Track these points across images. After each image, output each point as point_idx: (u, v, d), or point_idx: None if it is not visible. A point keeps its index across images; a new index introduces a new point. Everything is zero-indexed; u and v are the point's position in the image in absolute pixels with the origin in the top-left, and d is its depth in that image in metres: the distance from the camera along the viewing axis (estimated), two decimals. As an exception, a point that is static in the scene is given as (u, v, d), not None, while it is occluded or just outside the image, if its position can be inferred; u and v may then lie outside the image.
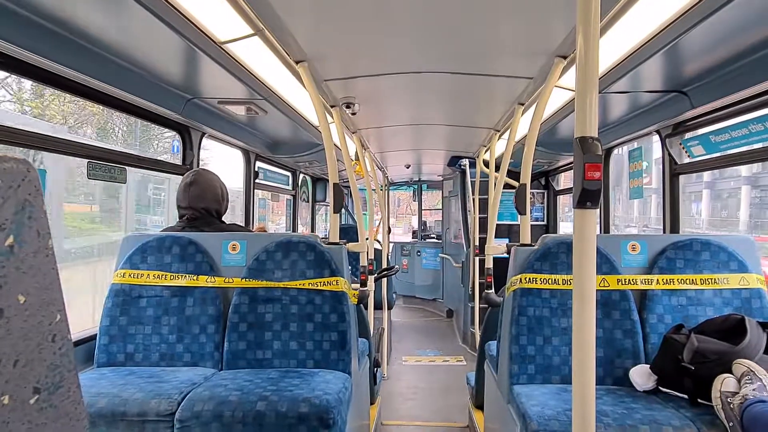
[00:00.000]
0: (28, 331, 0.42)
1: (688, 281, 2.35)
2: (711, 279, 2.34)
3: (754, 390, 1.73)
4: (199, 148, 3.41)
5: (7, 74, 2.16)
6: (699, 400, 1.97)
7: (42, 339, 0.44)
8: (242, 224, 4.20)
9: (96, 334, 2.43)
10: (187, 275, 2.47)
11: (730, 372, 1.88)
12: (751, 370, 1.81)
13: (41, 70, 2.05)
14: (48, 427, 0.44)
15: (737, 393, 1.78)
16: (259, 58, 2.34)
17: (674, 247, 2.41)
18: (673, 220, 3.26)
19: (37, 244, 0.44)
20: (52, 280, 0.45)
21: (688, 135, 3.09)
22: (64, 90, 2.26)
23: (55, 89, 2.25)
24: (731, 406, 1.76)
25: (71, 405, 0.47)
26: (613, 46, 2.20)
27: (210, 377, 2.23)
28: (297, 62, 2.44)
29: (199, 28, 1.97)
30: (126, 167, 2.76)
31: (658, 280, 2.37)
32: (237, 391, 2.02)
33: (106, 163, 2.59)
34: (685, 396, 2.03)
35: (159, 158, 3.16)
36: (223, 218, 2.81)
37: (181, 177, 2.81)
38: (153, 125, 2.83)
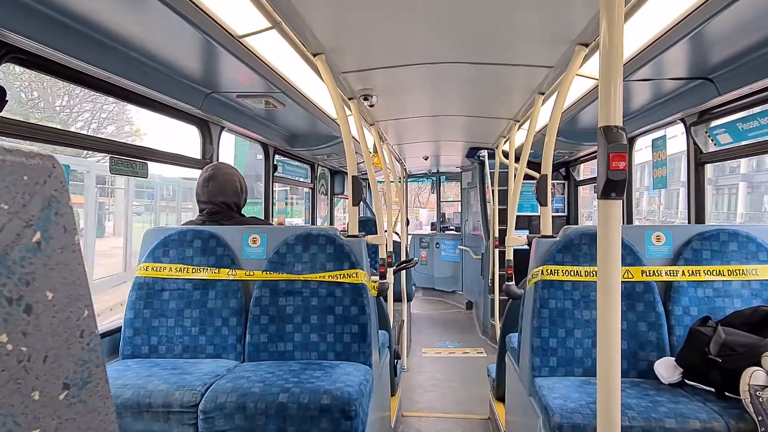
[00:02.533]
0: (56, 326, 0.43)
1: (714, 272, 2.30)
2: (739, 270, 2.29)
3: None
4: (218, 143, 3.43)
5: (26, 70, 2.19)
6: (727, 394, 1.94)
7: (70, 335, 0.44)
8: (261, 218, 4.24)
9: (121, 327, 2.48)
10: (209, 268, 2.50)
11: (760, 365, 1.84)
12: None
13: (61, 66, 2.07)
14: (77, 422, 0.44)
15: (767, 387, 1.74)
16: (277, 51, 2.34)
17: (700, 238, 2.36)
18: (698, 210, 3.19)
19: (64, 240, 0.44)
20: (79, 275, 0.46)
21: (714, 123, 3.01)
22: (84, 86, 2.29)
23: (75, 85, 2.28)
24: (761, 399, 1.72)
25: (100, 400, 0.47)
26: (637, 33, 2.14)
27: (232, 369, 2.26)
28: (314, 55, 2.44)
29: (217, 23, 1.97)
30: (147, 162, 2.80)
31: (683, 271, 2.33)
32: (259, 383, 2.04)
33: (128, 158, 2.62)
34: (712, 389, 1.99)
35: (180, 153, 3.17)
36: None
37: (200, 171, 2.84)
38: None
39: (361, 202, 3.47)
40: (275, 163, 4.63)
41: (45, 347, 0.41)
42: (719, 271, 2.30)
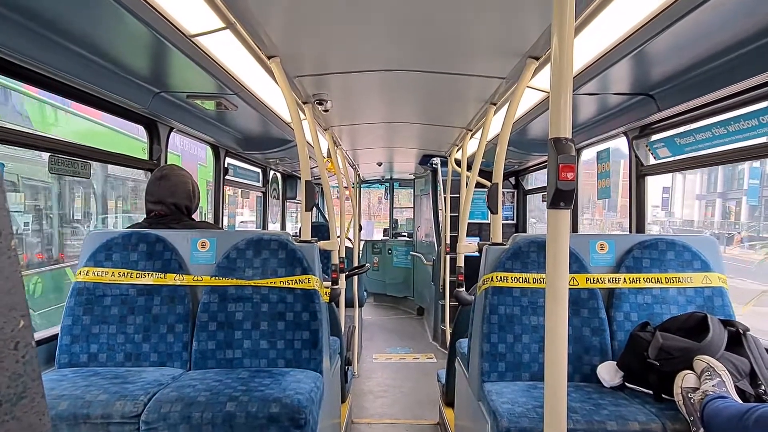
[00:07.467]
0: None
1: (653, 280, 2.41)
2: (675, 278, 2.41)
3: (713, 386, 1.79)
4: (167, 143, 3.32)
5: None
6: (663, 396, 2.03)
7: (3, 347, 0.41)
8: (212, 221, 4.13)
9: (57, 334, 2.35)
10: (155, 273, 2.41)
11: (692, 368, 1.94)
12: (711, 366, 1.87)
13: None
14: None
15: (698, 389, 1.84)
16: (230, 52, 2.30)
17: (640, 247, 2.47)
18: (639, 220, 3.35)
19: None
20: (14, 283, 0.43)
21: (654, 137, 3.17)
22: (23, 80, 2.17)
23: (13, 80, 2.16)
24: (692, 401, 1.81)
25: (35, 416, 0.44)
26: (585, 49, 2.23)
27: (178, 377, 2.18)
28: (269, 57, 2.40)
29: (168, 20, 1.91)
30: (90, 162, 2.67)
31: (625, 278, 2.43)
32: (206, 392, 1.98)
33: (69, 157, 2.50)
34: (651, 392, 2.09)
35: (125, 154, 3.05)
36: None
37: (144, 172, 2.74)
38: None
39: (314, 208, 3.44)
40: (226, 166, 4.53)
41: None
42: (657, 278, 2.42)
